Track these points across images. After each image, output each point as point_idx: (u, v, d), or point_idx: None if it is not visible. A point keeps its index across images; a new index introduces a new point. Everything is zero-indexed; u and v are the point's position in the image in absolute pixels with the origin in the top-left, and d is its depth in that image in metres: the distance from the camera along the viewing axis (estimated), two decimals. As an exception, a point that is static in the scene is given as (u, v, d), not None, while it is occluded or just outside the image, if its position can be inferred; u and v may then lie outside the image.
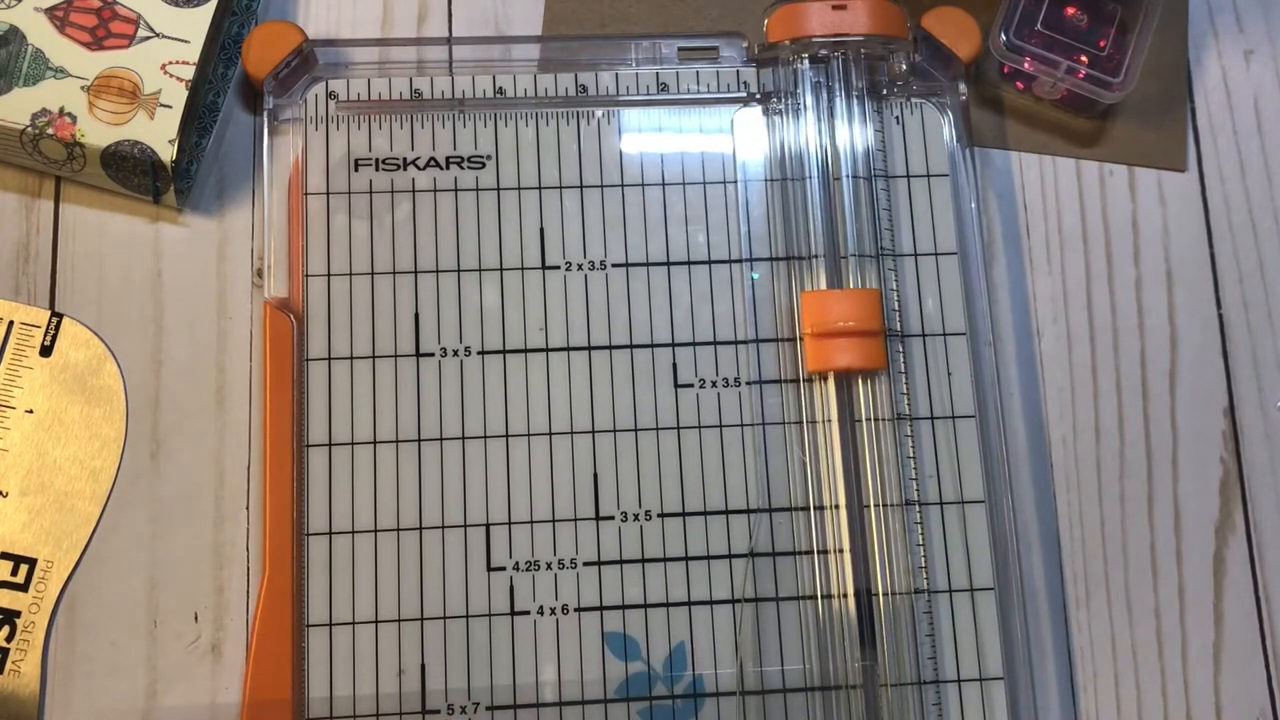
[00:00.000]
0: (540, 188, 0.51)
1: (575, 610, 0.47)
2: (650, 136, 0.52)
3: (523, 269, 0.50)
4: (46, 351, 0.50)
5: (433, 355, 0.49)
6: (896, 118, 0.53)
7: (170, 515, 0.49)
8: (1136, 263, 0.54)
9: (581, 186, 0.51)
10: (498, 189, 0.51)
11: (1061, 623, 0.50)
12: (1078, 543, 0.51)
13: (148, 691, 0.47)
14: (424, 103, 0.51)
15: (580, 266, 0.50)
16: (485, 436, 0.48)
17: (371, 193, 0.50)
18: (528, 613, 0.47)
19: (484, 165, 0.51)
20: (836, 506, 0.48)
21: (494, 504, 0.48)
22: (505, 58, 0.54)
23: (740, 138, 0.52)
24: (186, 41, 0.50)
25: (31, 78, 0.49)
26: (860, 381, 0.49)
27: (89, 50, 0.49)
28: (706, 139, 0.52)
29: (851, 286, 0.50)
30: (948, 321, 0.51)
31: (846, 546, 0.48)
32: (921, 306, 0.51)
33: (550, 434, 0.49)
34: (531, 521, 0.48)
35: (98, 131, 0.49)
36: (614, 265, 0.50)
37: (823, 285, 0.50)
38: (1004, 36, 0.53)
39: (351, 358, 0.49)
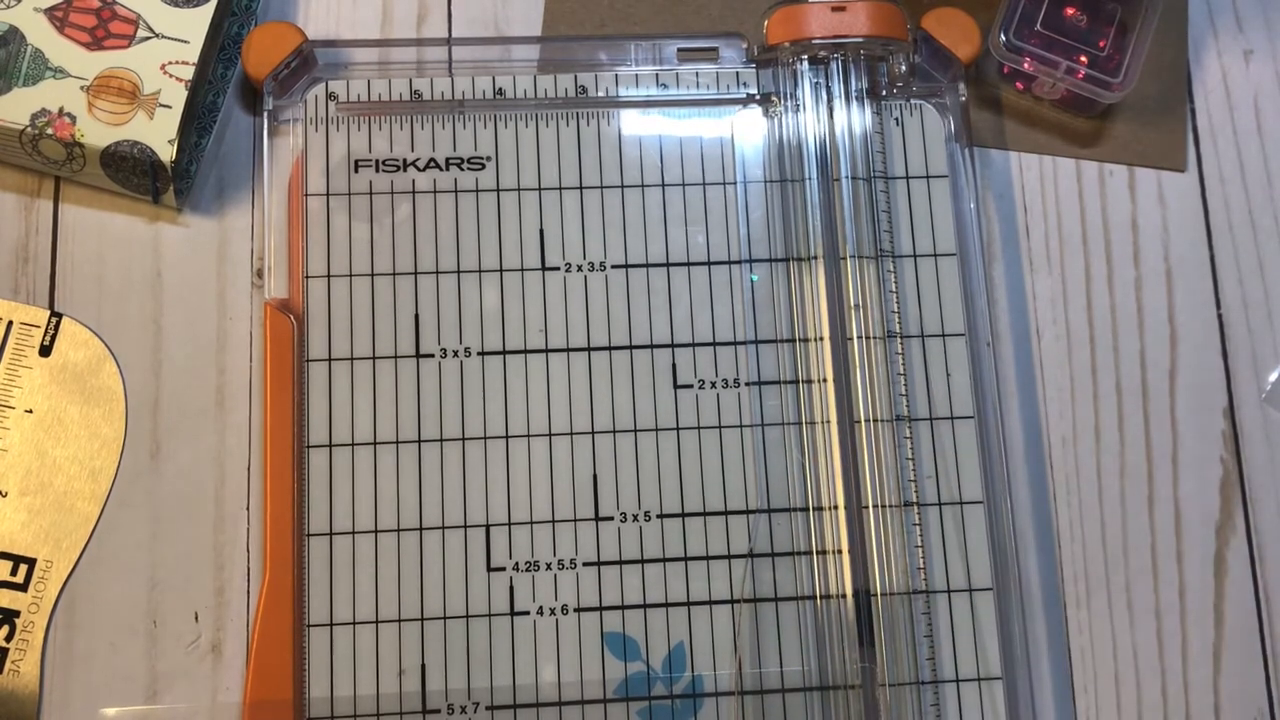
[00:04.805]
0: (540, 189, 0.51)
1: (575, 610, 0.47)
2: (650, 137, 0.52)
3: (522, 270, 0.50)
4: (46, 351, 0.50)
5: (433, 356, 0.49)
6: (896, 119, 0.53)
7: (170, 515, 0.49)
8: (1136, 263, 0.54)
9: (581, 187, 0.51)
10: (497, 190, 0.51)
11: (1060, 623, 0.50)
12: (1078, 543, 0.51)
13: (147, 692, 0.47)
14: (424, 104, 0.51)
15: (580, 267, 0.50)
16: (485, 437, 0.48)
17: (371, 194, 0.50)
18: (527, 613, 0.47)
19: (484, 166, 0.51)
20: (835, 507, 0.48)
21: (494, 505, 0.48)
22: (505, 58, 0.54)
23: (740, 139, 0.52)
24: (186, 42, 0.50)
25: (31, 78, 0.49)
26: (859, 382, 0.49)
27: (88, 50, 0.49)
28: (706, 140, 0.52)
29: (851, 288, 0.50)
30: (947, 322, 0.51)
31: (845, 547, 0.48)
32: (921, 307, 0.51)
33: (550, 435, 0.49)
34: (531, 522, 0.48)
35: (97, 131, 0.49)
36: (614, 266, 0.50)
37: (822, 286, 0.50)
38: (1004, 37, 0.53)
39: (352, 359, 0.49)
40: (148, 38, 0.50)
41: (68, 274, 0.51)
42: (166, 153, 0.49)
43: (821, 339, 0.50)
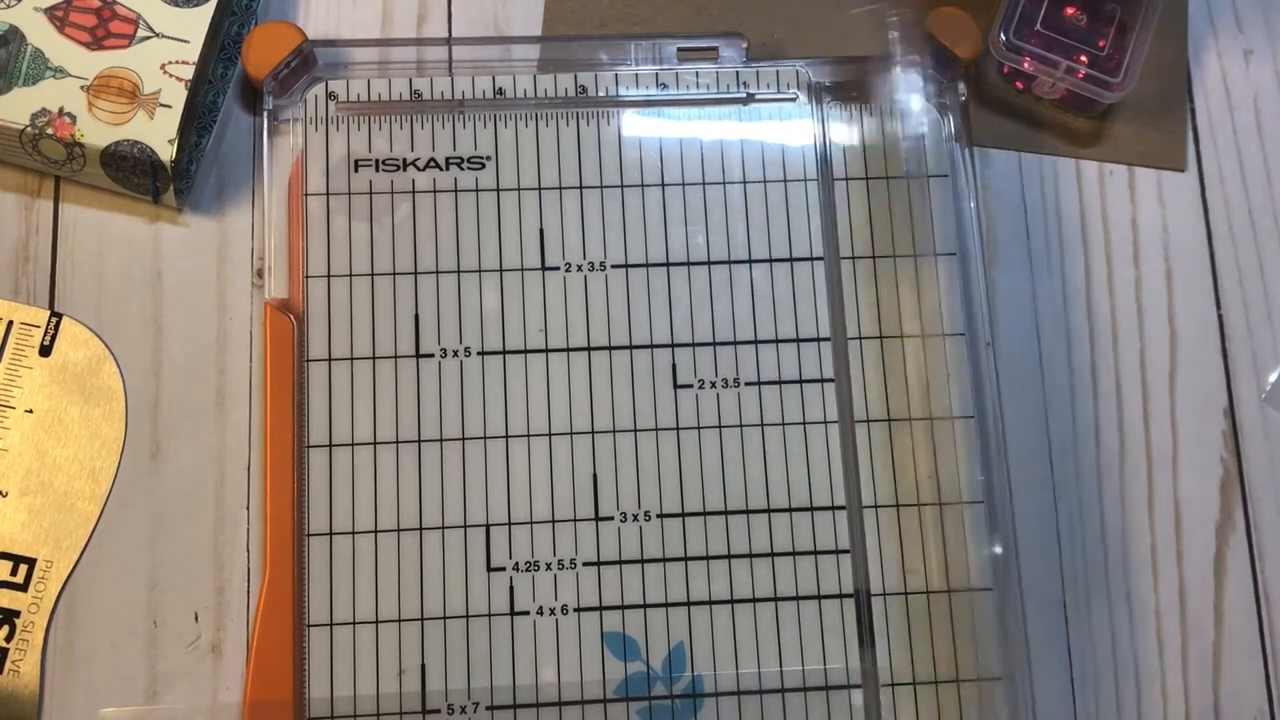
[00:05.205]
0: (540, 188, 0.51)
1: (575, 610, 0.47)
2: (650, 137, 0.52)
3: (522, 270, 0.50)
4: (46, 351, 0.50)
5: (433, 356, 0.49)
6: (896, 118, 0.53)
7: (170, 515, 0.49)
8: (1136, 263, 0.54)
9: (581, 187, 0.51)
10: (497, 190, 0.51)
11: (1061, 623, 0.50)
12: (1078, 543, 0.51)
13: (147, 692, 0.47)
14: (424, 103, 0.51)
15: (580, 267, 0.50)
16: (485, 437, 0.48)
17: (371, 193, 0.50)
18: (527, 613, 0.47)
19: (484, 166, 0.51)
20: (835, 507, 0.48)
21: (494, 504, 0.48)
22: (505, 58, 0.54)
23: (740, 138, 0.52)
24: (186, 41, 0.50)
25: (31, 78, 0.49)
26: (859, 382, 0.49)
27: (88, 50, 0.49)
28: (706, 140, 0.52)
29: (851, 288, 0.50)
30: (947, 322, 0.51)
31: (845, 547, 0.48)
32: (921, 307, 0.51)
33: (550, 435, 0.49)
34: (531, 522, 0.48)
35: (97, 131, 0.49)
36: (614, 266, 0.50)
37: (822, 285, 0.50)
38: (1004, 36, 0.53)
39: (352, 358, 0.49)
40: (148, 37, 0.50)
41: (68, 274, 0.51)
42: (166, 152, 0.49)
43: (822, 339, 0.50)
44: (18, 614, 0.47)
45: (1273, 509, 0.52)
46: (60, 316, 0.50)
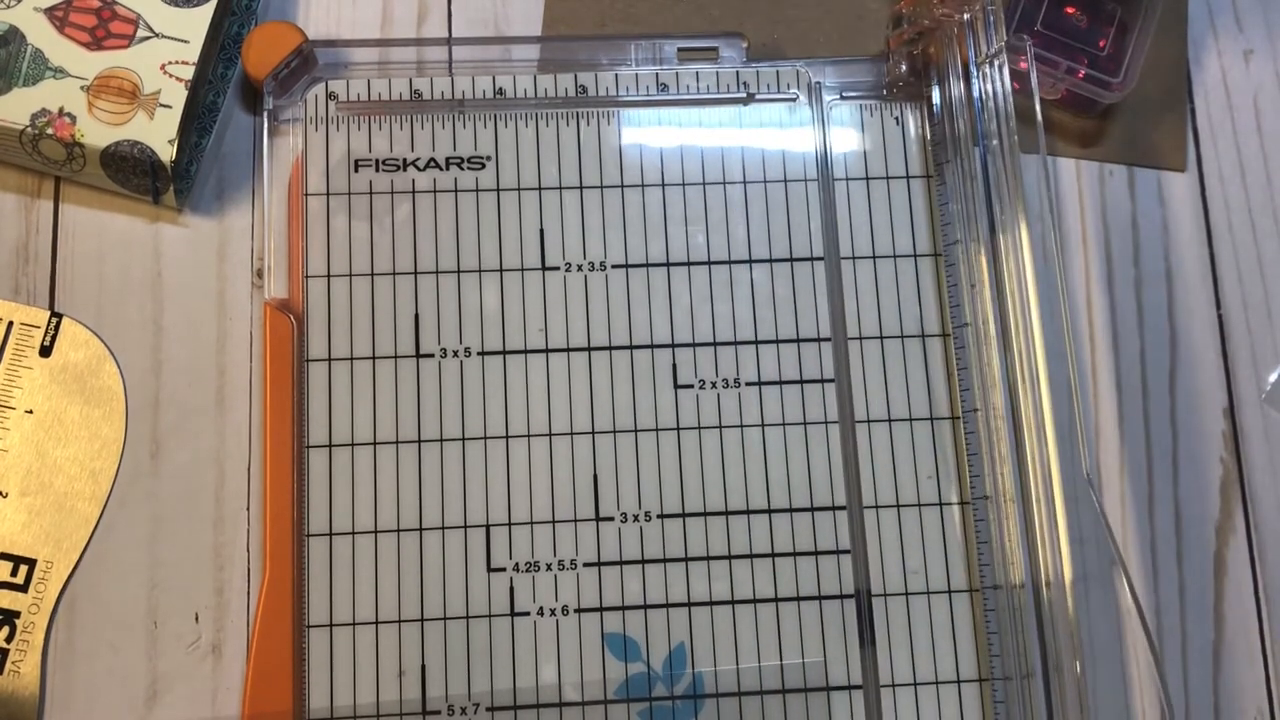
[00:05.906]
0: (540, 188, 0.51)
1: (575, 611, 0.47)
2: (650, 137, 0.52)
3: (522, 270, 0.50)
4: (46, 352, 0.50)
5: (433, 356, 0.49)
6: (895, 118, 0.53)
7: (170, 516, 0.49)
8: (1136, 263, 0.54)
9: (581, 187, 0.51)
10: (497, 190, 0.51)
11: (1062, 622, 0.50)
12: (1078, 543, 0.51)
13: (148, 692, 0.47)
14: (424, 103, 0.51)
15: (580, 267, 0.50)
16: (485, 437, 0.48)
17: (371, 193, 0.50)
18: (528, 614, 0.47)
19: (484, 166, 0.51)
20: (836, 507, 0.48)
21: (494, 505, 0.48)
22: (505, 58, 0.54)
23: (740, 139, 0.52)
24: (186, 41, 0.50)
25: (31, 78, 0.49)
26: (859, 382, 0.49)
27: (88, 50, 0.49)
28: (706, 140, 0.52)
29: (852, 287, 0.50)
30: (947, 322, 0.51)
31: (845, 547, 0.48)
32: (921, 306, 0.51)
33: (550, 435, 0.49)
34: (531, 522, 0.48)
35: (97, 132, 0.49)
36: (614, 266, 0.50)
37: (822, 286, 0.50)
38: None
39: (351, 358, 0.49)
40: (148, 37, 0.50)
41: (68, 274, 0.51)
42: (166, 153, 0.49)
43: (822, 339, 0.50)
44: (18, 614, 0.47)
45: (1273, 509, 0.52)
46: (60, 317, 0.50)
